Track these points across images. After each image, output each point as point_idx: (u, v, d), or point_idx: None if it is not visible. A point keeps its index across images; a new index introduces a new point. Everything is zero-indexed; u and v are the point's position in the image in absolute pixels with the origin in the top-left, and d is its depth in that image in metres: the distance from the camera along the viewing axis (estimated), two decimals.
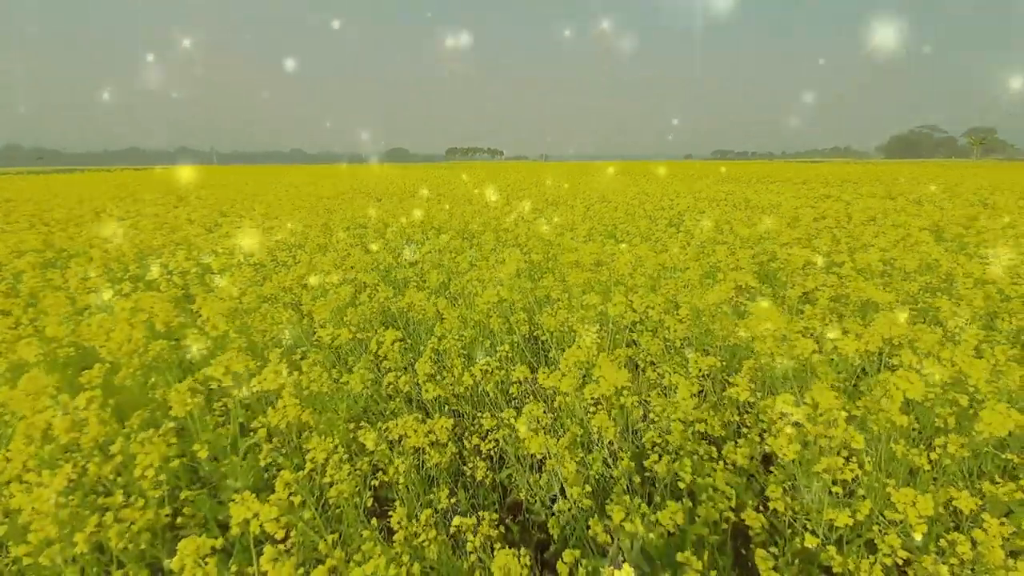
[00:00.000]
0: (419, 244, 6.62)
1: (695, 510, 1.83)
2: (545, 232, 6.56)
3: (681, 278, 4.13)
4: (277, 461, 2.25)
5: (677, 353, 3.27)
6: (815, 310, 3.47)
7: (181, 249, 5.85)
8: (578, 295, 3.87)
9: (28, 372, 2.24)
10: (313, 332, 3.59)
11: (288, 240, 6.97)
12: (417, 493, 2.35)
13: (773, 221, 6.87)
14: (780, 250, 5.14)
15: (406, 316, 4.09)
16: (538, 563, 2.29)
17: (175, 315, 3.23)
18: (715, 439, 2.33)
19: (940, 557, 1.48)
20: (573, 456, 2.05)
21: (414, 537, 1.70)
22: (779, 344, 2.60)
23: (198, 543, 1.18)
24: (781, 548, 1.94)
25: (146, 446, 1.78)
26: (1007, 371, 2.32)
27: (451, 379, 2.91)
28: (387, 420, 2.50)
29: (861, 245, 5.59)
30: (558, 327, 3.42)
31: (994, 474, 2.26)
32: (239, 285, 4.28)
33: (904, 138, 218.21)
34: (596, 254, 4.85)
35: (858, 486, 1.95)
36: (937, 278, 4.28)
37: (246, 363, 2.42)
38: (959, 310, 3.22)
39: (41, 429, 1.90)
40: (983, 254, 4.81)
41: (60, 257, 5.94)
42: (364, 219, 8.87)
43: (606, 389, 2.19)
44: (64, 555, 1.41)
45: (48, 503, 1.42)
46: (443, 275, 4.72)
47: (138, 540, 1.56)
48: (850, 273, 4.23)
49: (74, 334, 3.04)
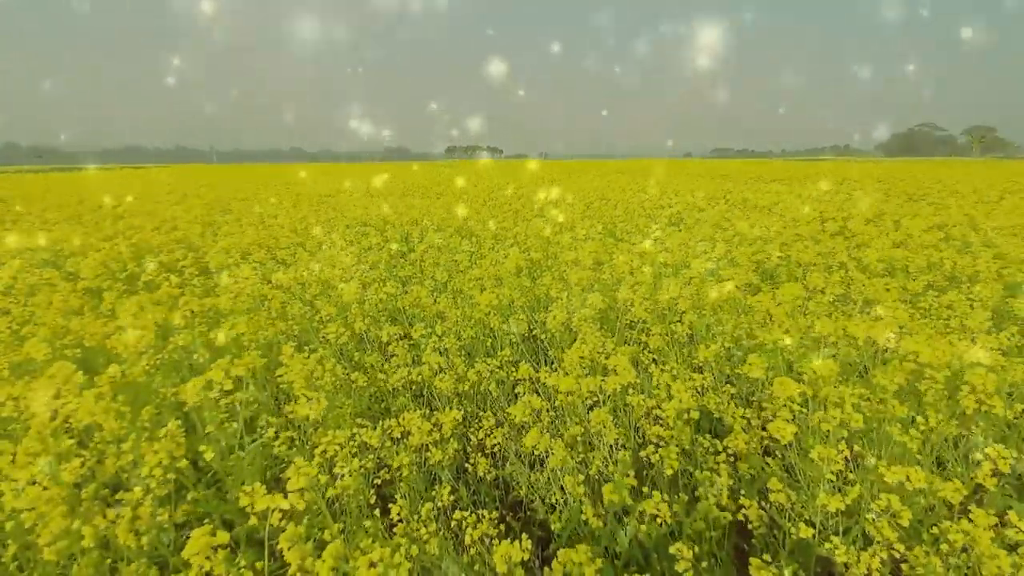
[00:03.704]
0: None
1: (695, 505, 1.86)
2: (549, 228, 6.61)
3: (683, 275, 4.16)
4: (288, 455, 2.29)
5: (683, 348, 3.31)
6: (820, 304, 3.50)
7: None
8: (579, 293, 3.91)
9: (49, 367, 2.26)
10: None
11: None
12: (419, 490, 2.39)
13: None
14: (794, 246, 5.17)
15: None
16: (539, 559, 2.32)
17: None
18: (717, 432, 2.37)
19: (933, 548, 1.51)
20: (574, 455, 2.08)
21: (415, 531, 1.74)
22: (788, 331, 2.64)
23: (208, 534, 1.20)
24: (780, 540, 1.97)
25: (154, 444, 1.81)
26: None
27: (454, 376, 2.95)
28: (390, 418, 2.53)
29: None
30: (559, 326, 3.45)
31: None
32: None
33: (904, 136, 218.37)
34: (596, 252, 4.89)
35: (851, 472, 1.99)
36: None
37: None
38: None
39: (57, 423, 1.93)
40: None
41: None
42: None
43: (614, 385, 2.22)
44: (73, 549, 1.43)
45: (58, 497, 1.44)
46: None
47: (146, 537, 1.58)
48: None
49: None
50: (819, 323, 2.61)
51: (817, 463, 1.74)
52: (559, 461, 2.01)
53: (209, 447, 2.10)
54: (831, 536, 1.64)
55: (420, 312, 4.06)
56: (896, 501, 1.53)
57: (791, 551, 1.90)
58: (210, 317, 3.59)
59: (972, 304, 3.41)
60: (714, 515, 1.84)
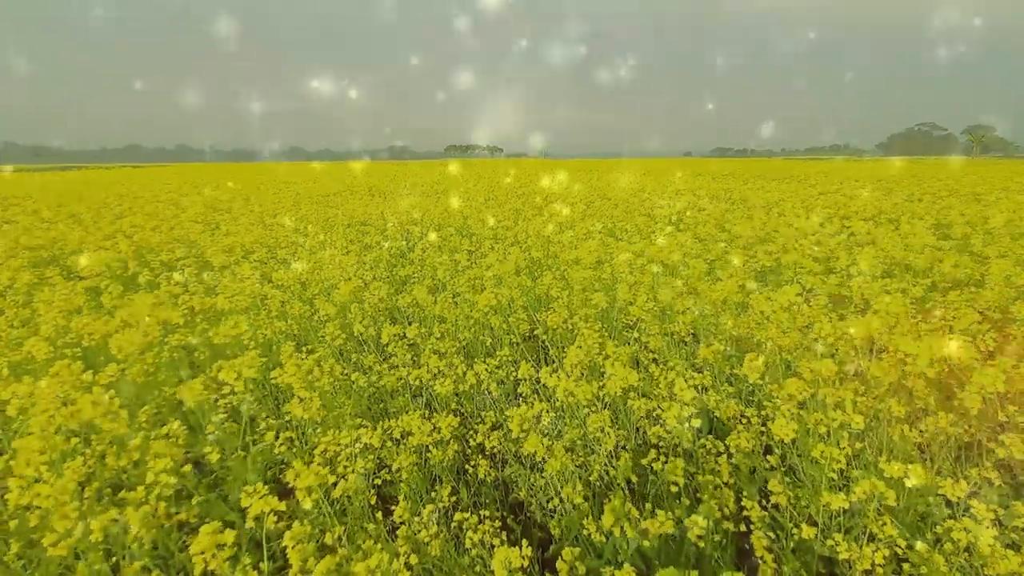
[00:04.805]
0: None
1: (696, 508, 1.85)
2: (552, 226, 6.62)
3: (684, 274, 4.16)
4: (287, 457, 2.28)
5: (683, 347, 3.31)
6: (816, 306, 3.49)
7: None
8: (579, 292, 3.90)
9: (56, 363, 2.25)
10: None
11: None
12: (420, 492, 2.38)
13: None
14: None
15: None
16: (539, 562, 2.32)
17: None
18: (719, 433, 2.36)
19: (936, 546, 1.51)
20: (574, 459, 2.06)
21: (416, 534, 1.73)
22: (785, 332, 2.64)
23: (216, 531, 1.19)
24: (782, 540, 1.97)
25: (158, 445, 1.81)
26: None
27: (454, 377, 2.94)
28: (391, 419, 2.53)
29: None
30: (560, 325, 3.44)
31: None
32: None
33: (904, 136, 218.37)
34: (597, 252, 4.89)
35: (852, 469, 1.99)
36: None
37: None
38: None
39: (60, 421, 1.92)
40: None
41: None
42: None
43: (614, 387, 2.20)
44: (80, 546, 1.43)
45: (65, 494, 1.44)
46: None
47: (148, 536, 1.58)
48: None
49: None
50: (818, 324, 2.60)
51: (820, 462, 1.73)
52: (557, 468, 1.98)
53: (214, 449, 2.10)
54: (833, 534, 1.64)
55: (419, 312, 4.05)
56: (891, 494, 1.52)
57: (793, 550, 1.90)
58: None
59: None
60: (716, 516, 1.83)
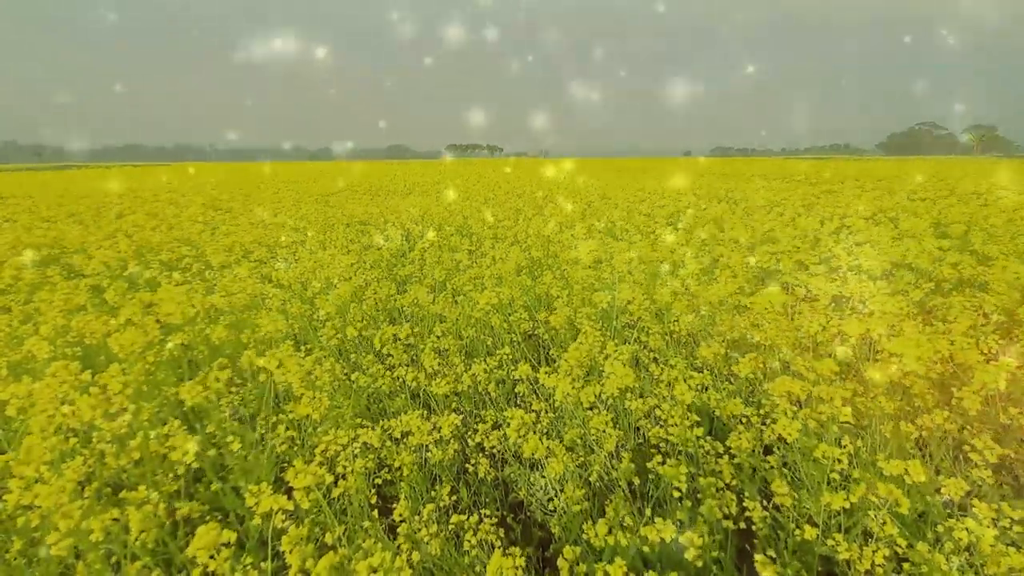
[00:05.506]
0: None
1: (698, 510, 1.85)
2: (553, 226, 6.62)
3: (682, 274, 4.16)
4: (289, 455, 2.28)
5: (682, 347, 3.31)
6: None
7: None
8: (579, 292, 3.91)
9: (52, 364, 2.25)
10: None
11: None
12: (420, 491, 2.38)
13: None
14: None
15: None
16: (540, 561, 2.31)
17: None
18: (719, 433, 2.36)
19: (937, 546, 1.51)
20: (574, 459, 2.05)
21: (415, 533, 1.73)
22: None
23: (215, 531, 1.19)
24: (783, 540, 1.97)
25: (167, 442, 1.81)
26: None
27: (453, 376, 2.94)
28: (390, 418, 2.53)
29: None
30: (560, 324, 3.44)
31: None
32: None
33: (904, 135, 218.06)
34: (596, 251, 4.89)
35: (853, 469, 1.99)
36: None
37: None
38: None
39: (59, 421, 1.92)
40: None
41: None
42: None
43: (612, 388, 2.20)
44: (82, 545, 1.42)
45: (65, 493, 1.44)
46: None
47: (150, 535, 1.58)
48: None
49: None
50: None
51: (821, 462, 1.73)
52: (559, 471, 1.97)
53: (235, 439, 2.12)
54: (834, 534, 1.64)
55: (419, 312, 4.05)
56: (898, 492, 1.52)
57: (794, 551, 1.90)
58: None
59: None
60: (716, 517, 1.83)
